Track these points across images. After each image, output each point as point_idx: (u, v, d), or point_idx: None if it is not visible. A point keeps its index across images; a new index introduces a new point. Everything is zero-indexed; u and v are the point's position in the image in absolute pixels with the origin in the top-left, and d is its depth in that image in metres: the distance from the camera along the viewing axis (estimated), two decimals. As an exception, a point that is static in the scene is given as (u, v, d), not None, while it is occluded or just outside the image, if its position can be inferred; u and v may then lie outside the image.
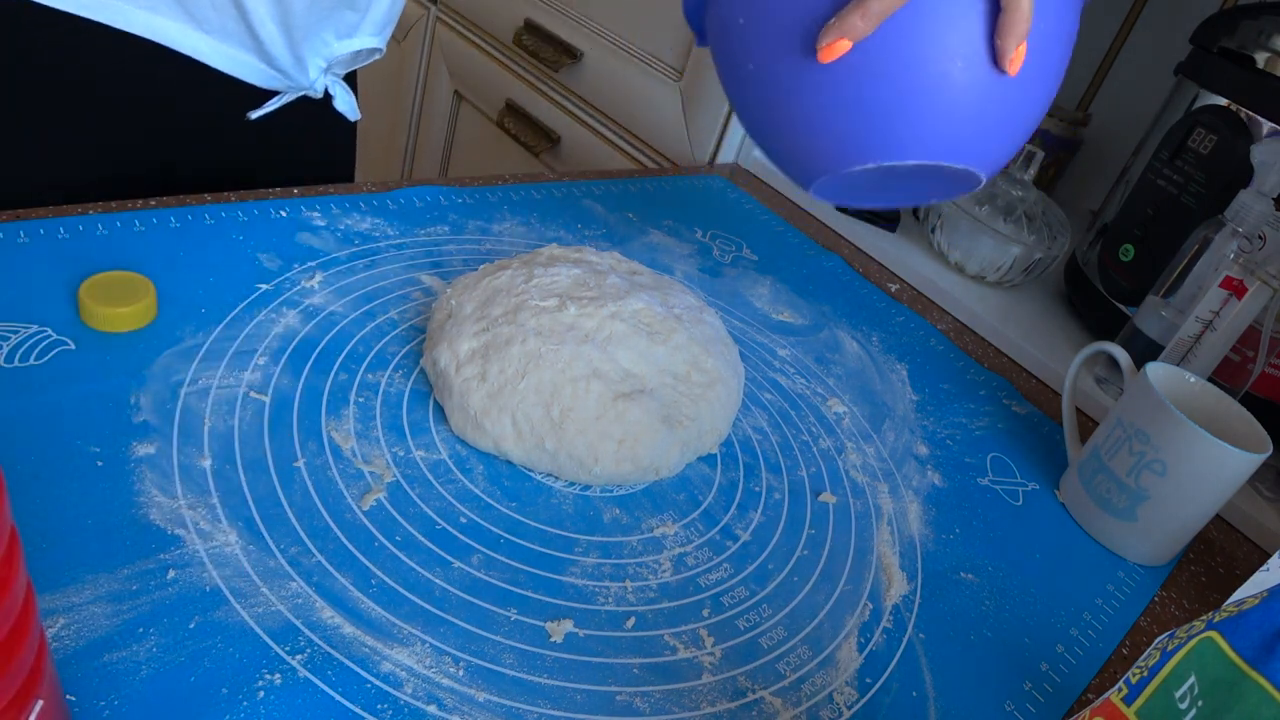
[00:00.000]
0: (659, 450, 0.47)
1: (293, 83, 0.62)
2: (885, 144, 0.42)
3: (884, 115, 0.42)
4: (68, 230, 0.51)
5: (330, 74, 0.64)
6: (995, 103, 0.42)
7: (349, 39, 0.62)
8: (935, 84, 0.41)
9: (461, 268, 0.61)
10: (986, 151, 0.44)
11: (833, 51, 0.40)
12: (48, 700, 0.25)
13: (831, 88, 0.42)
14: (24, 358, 0.43)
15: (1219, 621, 0.28)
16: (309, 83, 0.62)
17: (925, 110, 0.41)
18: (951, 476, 0.56)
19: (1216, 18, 0.74)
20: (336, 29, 0.60)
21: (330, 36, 0.60)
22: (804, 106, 0.43)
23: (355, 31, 0.62)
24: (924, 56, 0.40)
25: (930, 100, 0.41)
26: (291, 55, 0.59)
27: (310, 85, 0.63)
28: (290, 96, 0.63)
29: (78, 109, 0.56)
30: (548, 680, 0.37)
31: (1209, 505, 0.52)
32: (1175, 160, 0.72)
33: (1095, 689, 0.45)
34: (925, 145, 0.42)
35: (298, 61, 0.60)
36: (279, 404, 0.45)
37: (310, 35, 0.59)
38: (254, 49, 0.58)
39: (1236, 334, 0.59)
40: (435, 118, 1.33)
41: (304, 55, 0.60)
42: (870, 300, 0.75)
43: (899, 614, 0.45)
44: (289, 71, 0.60)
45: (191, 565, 0.36)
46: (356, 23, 0.61)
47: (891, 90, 0.41)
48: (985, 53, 0.41)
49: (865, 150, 0.43)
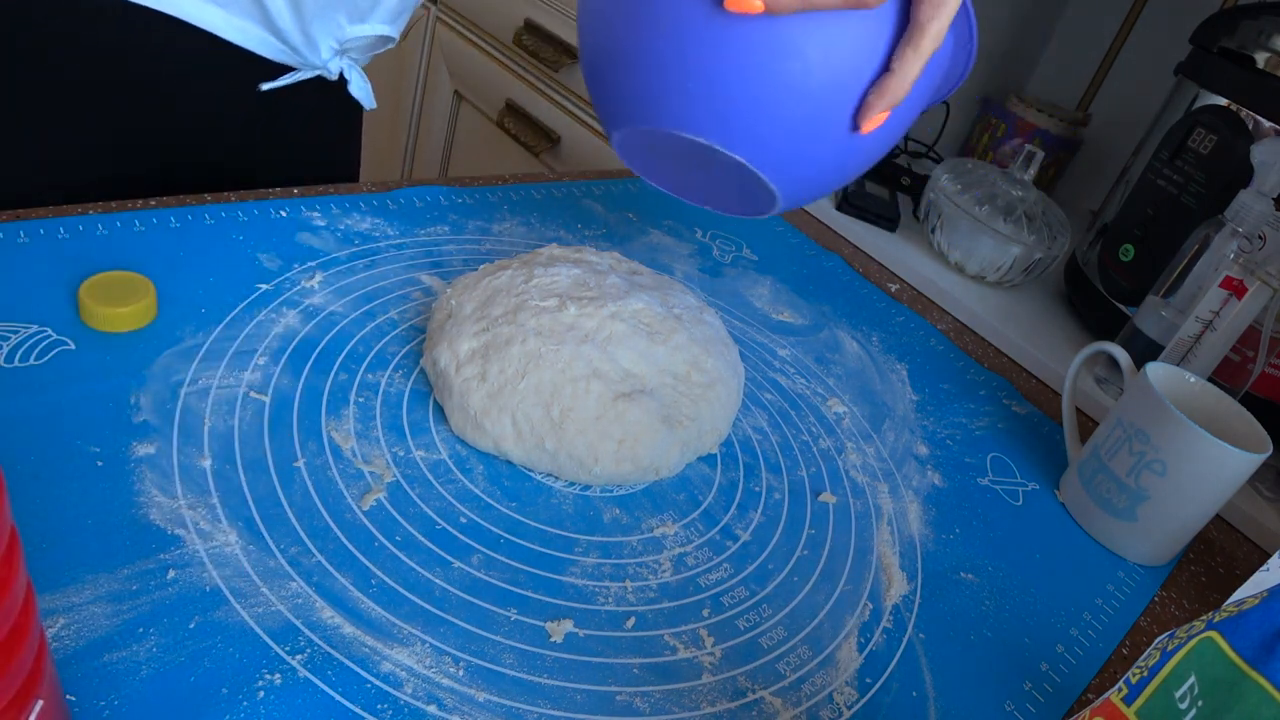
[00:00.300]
0: (659, 450, 0.47)
1: (304, 60, 0.62)
2: (719, 124, 0.42)
3: (731, 97, 0.41)
4: (68, 230, 0.51)
5: (346, 58, 0.64)
6: (831, 145, 0.43)
7: (362, 23, 0.62)
8: (794, 100, 0.41)
9: (461, 268, 0.61)
10: (801, 185, 0.45)
11: (740, 5, 0.38)
12: (48, 700, 0.25)
13: (710, 45, 0.40)
14: (24, 358, 0.43)
15: (1219, 621, 0.28)
16: (321, 62, 0.62)
17: (772, 117, 0.41)
18: (951, 476, 0.56)
19: (1216, 18, 0.74)
20: (349, 11, 0.60)
21: (342, 18, 0.61)
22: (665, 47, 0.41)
23: (368, 16, 0.62)
24: (805, 70, 0.40)
25: (782, 111, 0.41)
26: (301, 32, 0.59)
27: (324, 65, 0.63)
28: (305, 74, 0.63)
29: (78, 108, 0.56)
30: (548, 680, 0.37)
31: (1209, 505, 0.52)
32: (1175, 160, 0.72)
33: (1095, 689, 0.45)
34: (753, 148, 0.42)
35: (308, 39, 0.60)
36: (279, 404, 0.45)
37: (321, 15, 0.59)
38: (264, 22, 0.58)
39: (1236, 334, 0.59)
40: (435, 118, 1.33)
41: (314, 34, 0.60)
42: (870, 300, 0.75)
43: (899, 614, 0.45)
44: (300, 48, 0.60)
45: (191, 565, 0.36)
46: (369, 8, 0.61)
47: (755, 80, 0.40)
48: (853, 101, 0.42)
49: (695, 122, 0.42)
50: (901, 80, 0.41)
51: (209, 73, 0.58)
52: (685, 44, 0.40)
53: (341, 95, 0.68)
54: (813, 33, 0.40)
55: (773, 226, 0.82)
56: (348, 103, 0.70)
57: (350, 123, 0.73)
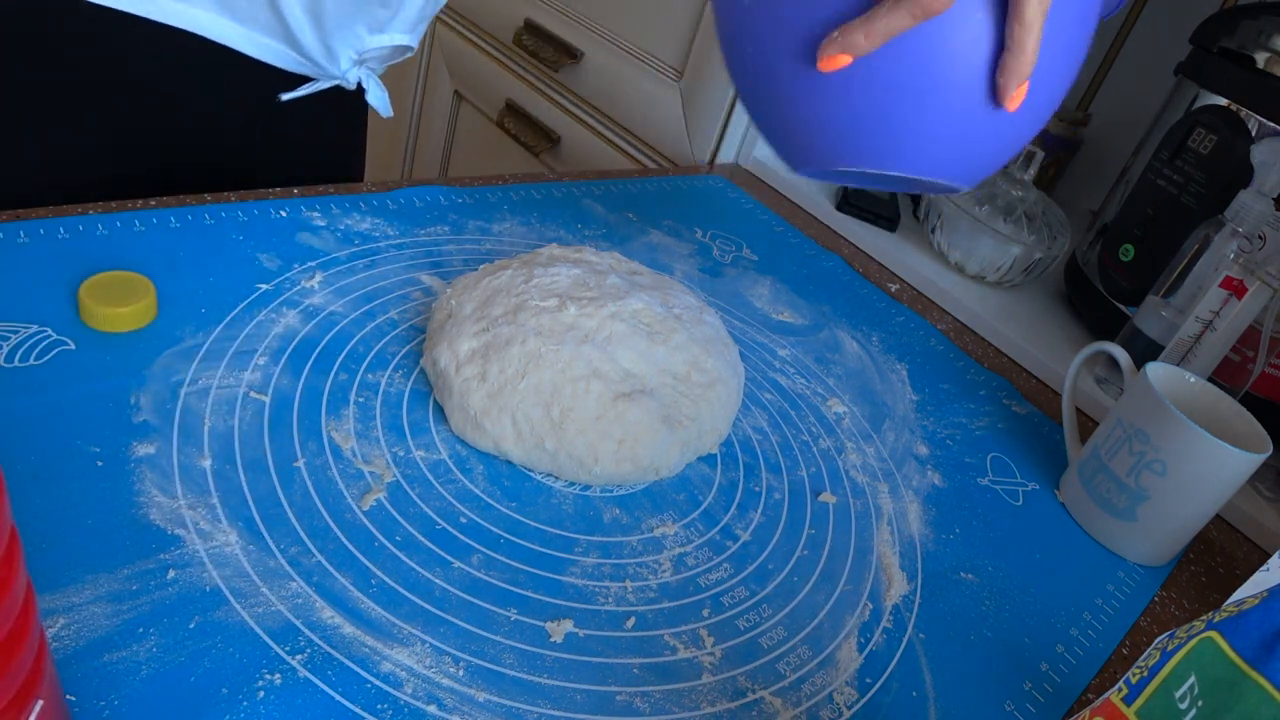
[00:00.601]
0: (659, 450, 0.47)
1: (323, 72, 0.62)
2: (874, 153, 0.43)
3: (875, 127, 0.42)
4: (68, 230, 0.51)
5: (365, 68, 0.64)
6: (987, 131, 0.43)
7: (380, 34, 0.62)
8: (930, 109, 0.41)
9: (461, 268, 0.61)
10: (972, 170, 0.45)
11: (832, 64, 0.40)
12: (48, 700, 0.25)
13: (827, 93, 0.42)
14: (24, 358, 0.43)
15: (1219, 621, 0.28)
16: (340, 73, 0.62)
17: (917, 130, 0.42)
18: (951, 476, 0.56)
19: (1216, 18, 0.74)
20: (368, 23, 0.61)
21: (362, 30, 0.61)
22: (799, 105, 0.44)
23: (387, 27, 0.62)
24: (923, 82, 0.41)
25: (923, 122, 0.42)
26: (322, 45, 0.59)
27: (342, 75, 0.63)
28: (324, 84, 0.63)
29: (79, 108, 0.56)
30: (548, 680, 0.37)
31: (1209, 505, 0.52)
32: (1175, 160, 0.72)
33: (1095, 689, 0.45)
34: (912, 161, 0.43)
35: (328, 52, 0.60)
36: (279, 404, 0.45)
37: (341, 27, 0.59)
38: (284, 37, 0.58)
39: (1236, 334, 0.59)
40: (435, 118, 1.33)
41: (334, 46, 0.60)
42: (870, 300, 0.75)
43: (899, 614, 0.45)
44: (319, 61, 0.60)
45: (191, 565, 0.36)
46: (388, 19, 0.61)
47: (885, 106, 0.41)
48: (985, 86, 0.41)
49: (854, 154, 0.43)
50: (1020, 55, 0.39)
51: (211, 73, 0.58)
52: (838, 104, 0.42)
53: (346, 98, 0.68)
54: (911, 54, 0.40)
55: (773, 226, 0.82)
56: (352, 106, 0.70)
57: (355, 125, 0.73)
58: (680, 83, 0.95)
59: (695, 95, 0.94)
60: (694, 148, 0.95)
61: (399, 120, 1.39)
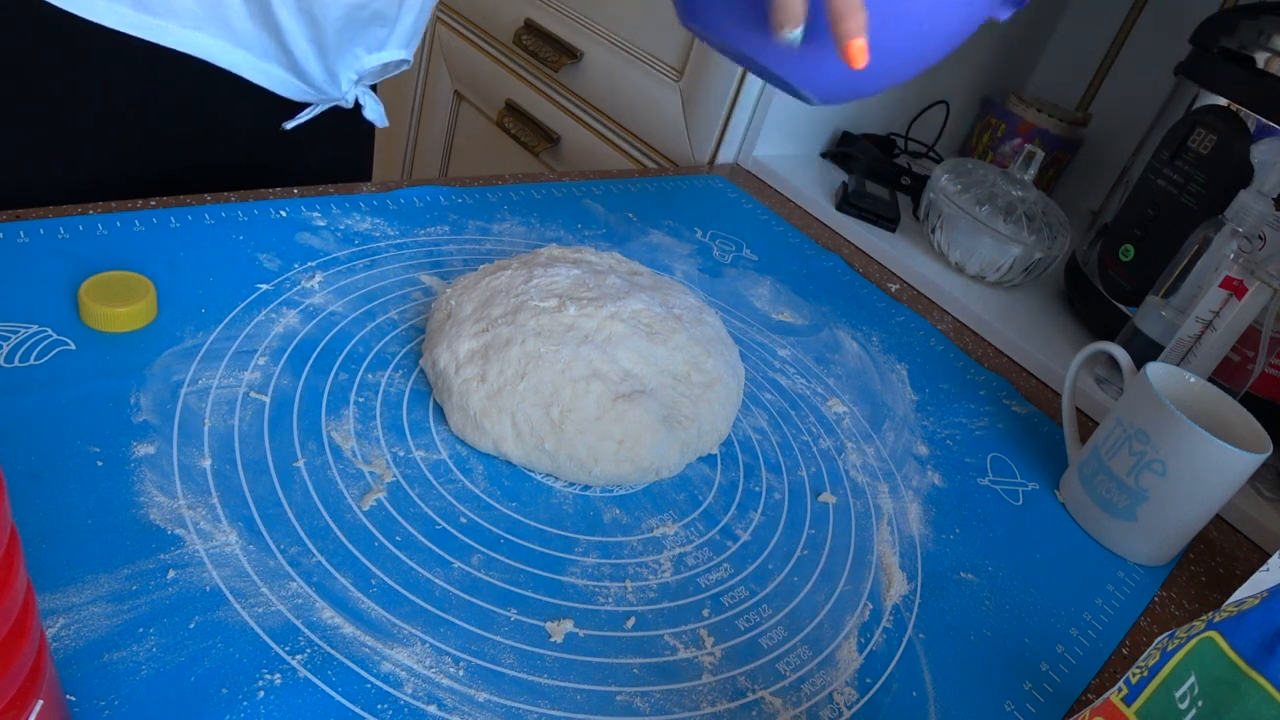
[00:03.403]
0: (659, 451, 0.47)
1: (325, 95, 0.63)
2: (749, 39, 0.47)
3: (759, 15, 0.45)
4: (68, 230, 0.51)
5: (360, 85, 0.65)
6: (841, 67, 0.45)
7: (378, 52, 0.63)
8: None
9: (461, 268, 0.61)
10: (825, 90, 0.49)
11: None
12: (48, 700, 0.25)
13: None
14: (24, 358, 0.43)
15: (1219, 621, 0.28)
16: (340, 94, 0.64)
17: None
18: (951, 476, 0.56)
19: (1216, 18, 0.74)
20: (367, 44, 0.62)
21: (361, 51, 0.62)
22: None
23: (384, 45, 0.63)
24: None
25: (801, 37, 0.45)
26: (324, 71, 0.60)
27: (342, 96, 0.64)
28: (323, 107, 0.64)
29: (79, 108, 0.56)
30: (548, 680, 0.37)
31: (1209, 505, 0.52)
32: (1175, 160, 0.72)
33: (1095, 689, 0.45)
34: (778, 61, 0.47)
35: (330, 76, 0.61)
36: (279, 404, 0.45)
37: (342, 51, 0.60)
38: (288, 65, 0.59)
39: (1236, 334, 0.59)
40: (435, 118, 1.33)
41: (336, 70, 0.61)
42: (870, 300, 0.75)
43: (899, 614, 0.45)
44: (322, 86, 0.62)
45: (191, 565, 0.36)
46: (385, 37, 0.62)
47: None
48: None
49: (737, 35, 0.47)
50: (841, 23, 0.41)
51: (214, 76, 0.58)
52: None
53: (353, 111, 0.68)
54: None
55: (773, 226, 0.82)
56: (360, 118, 0.70)
57: (363, 138, 0.74)
58: (680, 83, 0.95)
59: (695, 95, 0.94)
60: (694, 148, 0.95)
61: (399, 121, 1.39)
